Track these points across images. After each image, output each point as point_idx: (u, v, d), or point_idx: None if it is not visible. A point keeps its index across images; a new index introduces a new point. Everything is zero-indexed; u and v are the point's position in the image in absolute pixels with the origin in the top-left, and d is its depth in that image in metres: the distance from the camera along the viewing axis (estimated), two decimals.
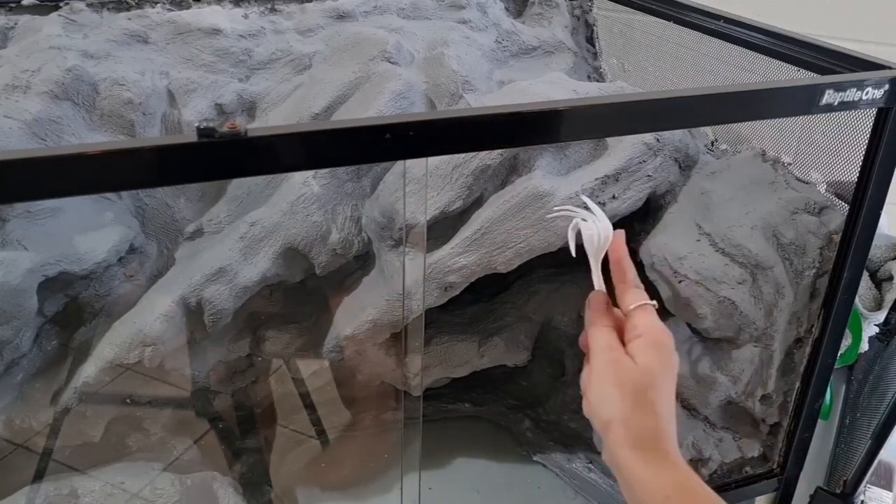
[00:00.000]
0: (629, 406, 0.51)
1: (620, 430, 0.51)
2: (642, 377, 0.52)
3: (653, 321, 0.55)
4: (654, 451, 0.50)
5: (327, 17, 1.12)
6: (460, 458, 1.18)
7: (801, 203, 0.90)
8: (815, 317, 0.89)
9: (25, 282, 0.86)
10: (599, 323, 0.56)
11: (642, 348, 0.53)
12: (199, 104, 1.02)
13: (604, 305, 0.57)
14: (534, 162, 0.93)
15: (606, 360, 0.53)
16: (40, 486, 0.90)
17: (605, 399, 0.52)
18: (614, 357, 0.53)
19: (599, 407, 0.53)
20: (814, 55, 0.83)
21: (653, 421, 0.51)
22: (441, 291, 0.92)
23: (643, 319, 0.55)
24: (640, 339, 0.54)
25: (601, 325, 0.56)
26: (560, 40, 1.21)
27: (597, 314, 0.57)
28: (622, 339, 0.55)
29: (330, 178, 0.97)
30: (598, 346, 0.55)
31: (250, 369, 1.09)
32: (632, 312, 0.56)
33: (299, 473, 1.12)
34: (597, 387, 0.53)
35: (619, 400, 0.51)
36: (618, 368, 0.53)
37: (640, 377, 0.52)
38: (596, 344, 0.55)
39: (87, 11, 1.02)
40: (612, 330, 0.56)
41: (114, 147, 0.50)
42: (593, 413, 0.53)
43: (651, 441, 0.51)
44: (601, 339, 0.55)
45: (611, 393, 0.52)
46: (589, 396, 0.54)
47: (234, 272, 0.94)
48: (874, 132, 0.76)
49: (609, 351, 0.54)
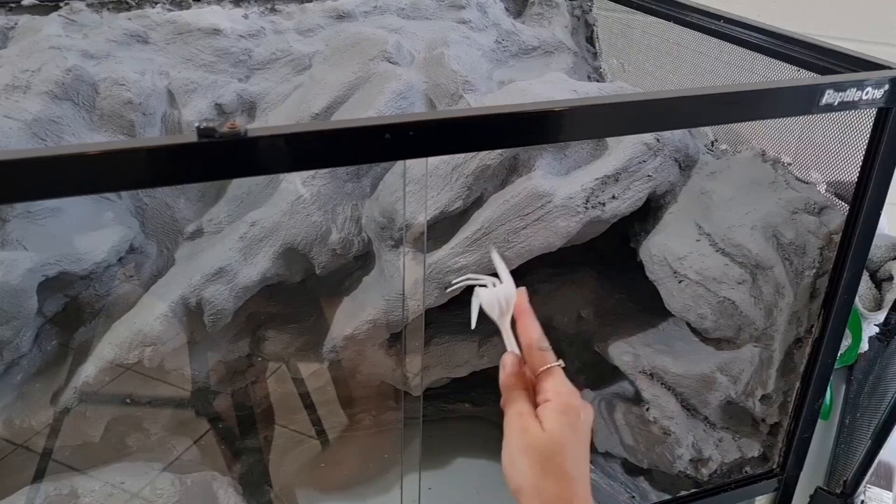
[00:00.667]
0: (537, 473, 0.52)
1: (530, 497, 0.52)
2: (550, 444, 0.53)
3: (559, 384, 0.56)
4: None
5: (327, 17, 1.12)
6: (460, 458, 1.18)
7: (801, 203, 0.90)
8: (815, 317, 0.88)
9: (25, 282, 0.86)
10: (512, 387, 0.57)
11: (550, 414, 0.54)
12: (199, 104, 1.02)
13: (517, 367, 0.58)
14: (534, 162, 0.93)
15: (516, 429, 0.54)
16: (40, 485, 0.90)
17: (516, 466, 0.53)
18: (523, 425, 0.54)
19: (511, 474, 0.53)
20: (814, 55, 0.83)
21: (559, 486, 0.52)
22: (441, 291, 0.92)
23: (549, 383, 0.56)
24: (548, 405, 0.55)
25: (514, 389, 0.57)
26: (560, 40, 1.21)
27: (509, 377, 0.57)
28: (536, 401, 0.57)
29: (330, 178, 0.97)
30: (510, 414, 0.56)
31: (250, 369, 1.08)
32: (539, 376, 0.57)
33: (299, 473, 1.12)
34: (507, 455, 0.54)
35: (528, 467, 0.52)
36: (526, 437, 0.54)
37: (547, 444, 0.53)
38: (508, 410, 0.56)
39: (86, 11, 1.02)
40: (525, 394, 0.56)
41: (114, 147, 0.50)
42: (506, 478, 0.54)
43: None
44: (513, 405, 0.56)
45: (521, 461, 0.53)
46: (503, 462, 0.55)
47: (234, 272, 0.94)
48: (874, 132, 0.76)
49: (518, 418, 0.55)
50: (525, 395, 0.56)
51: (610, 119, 0.65)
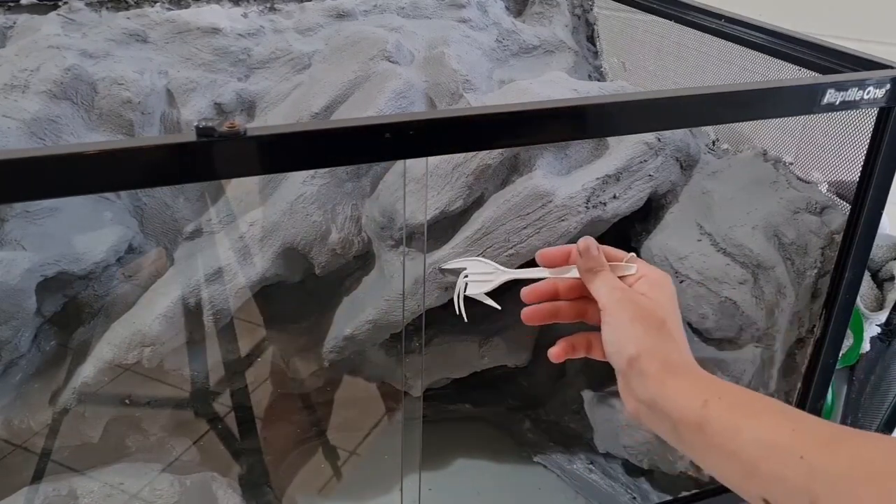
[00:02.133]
0: (654, 338, 0.53)
1: (649, 360, 0.52)
2: (660, 311, 0.54)
3: (649, 266, 0.58)
4: (683, 370, 0.52)
5: (327, 16, 1.12)
6: (460, 458, 1.18)
7: (803, 203, 0.90)
8: (816, 317, 0.88)
9: (24, 282, 0.86)
10: (599, 268, 0.57)
11: (649, 287, 0.56)
12: (199, 103, 1.02)
13: (595, 251, 0.58)
14: (534, 161, 0.93)
15: (621, 299, 0.55)
16: (39, 486, 0.90)
17: (630, 334, 0.53)
18: (628, 295, 0.55)
19: (623, 344, 0.53)
20: (815, 54, 0.83)
21: (676, 349, 0.53)
22: (441, 291, 0.92)
23: (640, 265, 0.58)
24: (643, 280, 0.56)
25: (600, 269, 0.57)
26: (561, 39, 1.21)
27: (594, 259, 0.58)
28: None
29: (330, 178, 0.96)
30: (607, 286, 0.56)
31: (250, 369, 1.08)
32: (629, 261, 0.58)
33: (299, 474, 1.11)
34: (617, 326, 0.54)
35: (644, 333, 0.53)
36: (635, 305, 0.54)
37: (658, 311, 0.54)
38: (603, 284, 0.56)
39: (85, 10, 1.02)
40: (611, 273, 0.57)
41: (112, 147, 0.49)
42: (616, 352, 0.54)
43: (679, 364, 0.52)
44: (608, 281, 0.56)
45: (635, 328, 0.53)
46: (607, 337, 0.55)
47: (234, 272, 0.93)
48: (875, 131, 0.76)
49: (620, 291, 0.56)
50: (612, 275, 0.57)
51: (611, 118, 0.65)
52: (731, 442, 0.46)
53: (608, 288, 0.56)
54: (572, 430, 1.16)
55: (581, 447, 1.15)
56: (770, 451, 0.43)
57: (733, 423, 0.46)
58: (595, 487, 1.12)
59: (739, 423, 0.46)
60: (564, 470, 1.15)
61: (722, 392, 0.49)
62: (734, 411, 0.47)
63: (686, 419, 0.48)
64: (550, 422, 1.19)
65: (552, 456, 1.17)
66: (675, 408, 0.49)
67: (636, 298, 0.55)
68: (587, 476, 1.13)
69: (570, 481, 1.15)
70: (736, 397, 0.48)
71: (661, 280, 0.56)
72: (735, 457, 0.45)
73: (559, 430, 1.18)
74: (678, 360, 0.53)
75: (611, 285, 0.56)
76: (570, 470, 1.14)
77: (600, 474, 1.12)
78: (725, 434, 0.46)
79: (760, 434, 0.45)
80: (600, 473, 1.12)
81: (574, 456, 1.15)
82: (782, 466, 0.42)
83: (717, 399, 0.48)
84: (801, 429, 0.44)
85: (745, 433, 0.45)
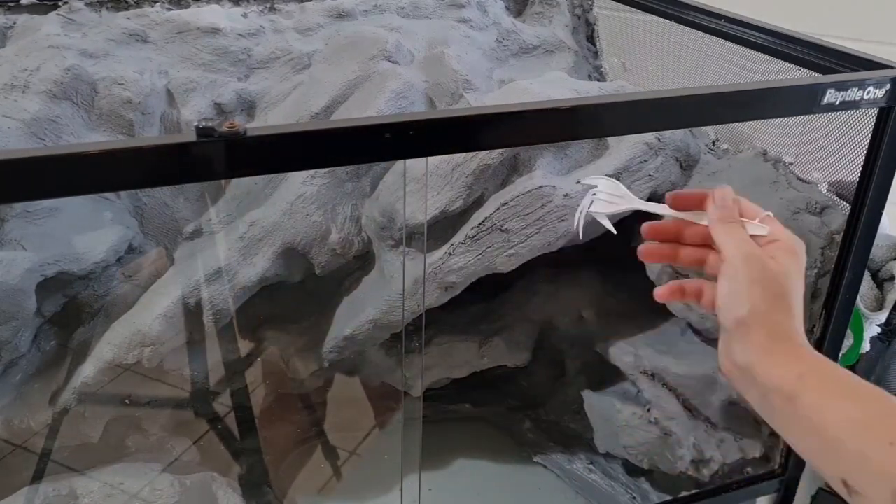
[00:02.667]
0: (770, 305, 0.51)
1: (758, 327, 0.50)
2: (785, 280, 0.52)
3: (784, 229, 0.55)
4: (788, 342, 0.50)
5: (327, 16, 1.12)
6: (460, 458, 1.18)
7: (803, 203, 0.90)
8: (816, 317, 0.88)
9: (24, 282, 0.86)
10: (731, 221, 0.55)
11: (781, 252, 0.53)
12: (199, 103, 1.02)
13: (731, 202, 0.56)
14: (534, 161, 0.93)
15: (746, 256, 0.53)
16: (39, 486, 0.90)
17: (747, 295, 0.51)
18: (756, 254, 0.53)
19: (738, 303, 0.51)
20: (815, 54, 0.83)
21: (789, 320, 0.51)
22: (441, 291, 0.92)
23: (775, 227, 0.55)
24: (777, 244, 0.54)
25: (733, 221, 0.55)
26: (560, 39, 1.21)
27: (727, 211, 0.56)
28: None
29: (330, 178, 0.96)
30: (736, 240, 0.54)
31: (250, 369, 1.08)
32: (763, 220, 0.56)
33: (299, 474, 1.11)
34: (737, 283, 0.52)
35: (759, 298, 0.51)
36: (760, 267, 0.52)
37: (783, 280, 0.52)
38: (732, 238, 0.54)
39: (85, 10, 1.02)
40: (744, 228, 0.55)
41: (112, 147, 0.49)
42: (727, 308, 0.52)
43: (785, 336, 0.50)
44: (737, 233, 0.54)
45: (754, 291, 0.51)
46: (723, 290, 0.53)
47: (234, 272, 0.93)
48: (875, 132, 0.76)
49: (748, 245, 0.53)
50: (743, 229, 0.55)
51: (611, 118, 0.65)
52: (820, 416, 0.45)
53: (736, 241, 0.54)
54: (572, 430, 1.16)
55: (581, 447, 1.15)
56: (859, 431, 0.43)
57: (826, 399, 0.45)
58: (595, 487, 1.12)
59: (833, 400, 0.45)
60: (564, 470, 1.15)
61: (822, 369, 0.48)
62: (829, 388, 0.46)
63: (779, 389, 0.47)
64: (550, 422, 1.19)
65: (552, 456, 1.17)
66: (771, 377, 0.48)
67: (764, 260, 0.52)
68: (587, 476, 1.13)
69: (570, 481, 1.15)
70: (835, 376, 0.48)
71: (794, 247, 0.54)
72: (822, 432, 0.45)
73: (559, 430, 1.18)
74: (785, 331, 0.51)
75: (740, 239, 0.54)
76: (570, 470, 1.14)
77: (600, 474, 1.12)
78: (815, 408, 0.46)
79: (852, 414, 0.44)
80: (600, 473, 1.12)
81: (574, 456, 1.15)
82: (869, 447, 0.41)
83: (814, 374, 0.47)
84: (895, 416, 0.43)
85: (837, 411, 0.45)
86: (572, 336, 1.12)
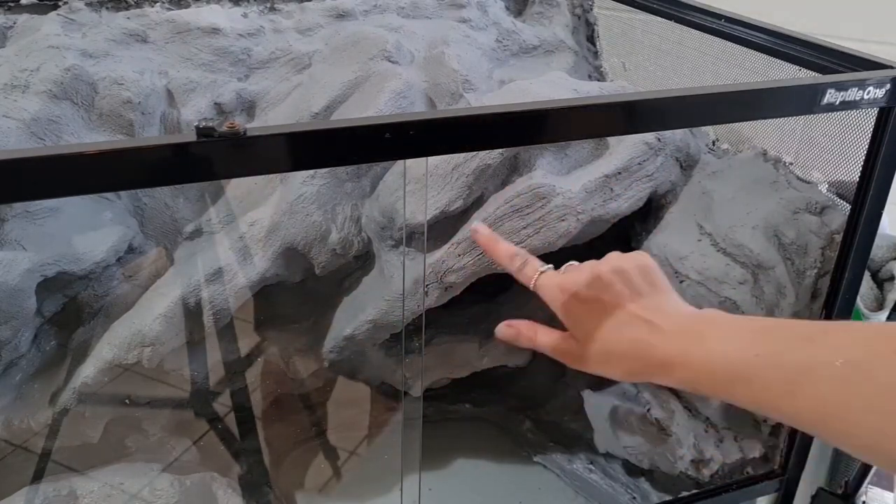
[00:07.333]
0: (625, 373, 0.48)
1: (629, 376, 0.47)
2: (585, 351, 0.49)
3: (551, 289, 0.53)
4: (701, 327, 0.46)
5: (327, 16, 1.12)
6: (461, 459, 1.18)
7: (803, 203, 0.90)
8: (816, 317, 0.88)
9: (24, 282, 0.86)
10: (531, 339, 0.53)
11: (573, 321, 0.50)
12: (199, 103, 1.02)
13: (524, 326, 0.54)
14: (534, 161, 0.93)
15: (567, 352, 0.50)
16: (39, 486, 0.90)
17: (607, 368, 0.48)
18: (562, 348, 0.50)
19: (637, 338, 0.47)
20: (815, 54, 0.83)
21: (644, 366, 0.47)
22: (441, 291, 0.92)
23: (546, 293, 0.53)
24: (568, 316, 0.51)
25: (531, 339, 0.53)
26: (561, 39, 1.21)
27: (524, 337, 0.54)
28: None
29: (330, 178, 0.96)
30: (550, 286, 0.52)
31: (250, 369, 1.08)
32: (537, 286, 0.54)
33: (299, 474, 1.11)
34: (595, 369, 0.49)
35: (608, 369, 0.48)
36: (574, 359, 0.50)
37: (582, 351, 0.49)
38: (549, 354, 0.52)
39: (85, 10, 1.02)
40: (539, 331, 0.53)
41: (113, 147, 0.49)
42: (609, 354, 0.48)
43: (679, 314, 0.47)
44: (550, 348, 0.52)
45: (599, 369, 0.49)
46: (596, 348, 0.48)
47: (234, 272, 0.93)
48: (875, 132, 0.76)
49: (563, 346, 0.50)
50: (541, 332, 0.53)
51: (611, 119, 0.65)
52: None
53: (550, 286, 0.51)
54: (572, 430, 1.16)
55: (581, 447, 1.15)
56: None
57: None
58: (595, 487, 1.12)
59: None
60: (564, 470, 1.15)
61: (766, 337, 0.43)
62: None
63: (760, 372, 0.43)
64: (550, 422, 1.19)
65: (552, 456, 1.17)
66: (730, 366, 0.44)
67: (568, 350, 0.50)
68: (587, 476, 1.13)
69: (570, 481, 1.15)
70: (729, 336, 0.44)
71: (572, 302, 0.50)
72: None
73: (559, 430, 1.18)
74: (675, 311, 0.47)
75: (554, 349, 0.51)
76: (570, 470, 1.14)
77: (600, 474, 1.12)
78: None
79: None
80: (600, 473, 1.12)
81: (574, 456, 1.15)
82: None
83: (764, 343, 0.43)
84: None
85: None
86: None
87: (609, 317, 0.48)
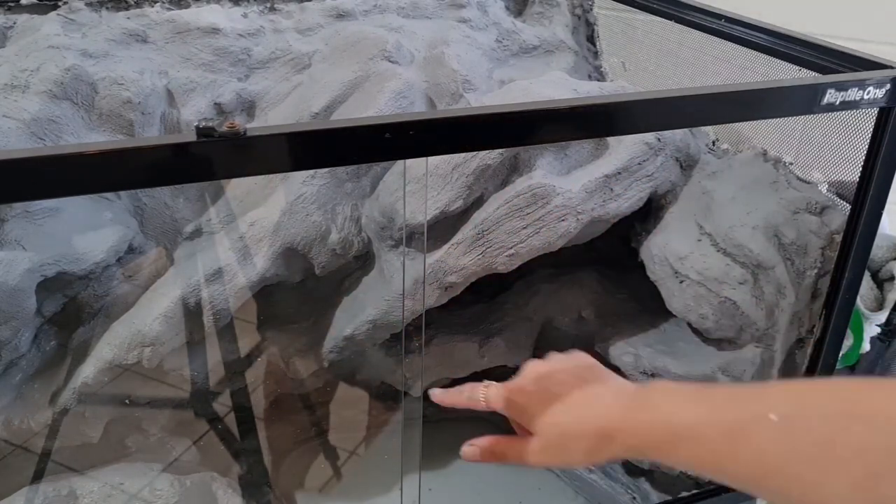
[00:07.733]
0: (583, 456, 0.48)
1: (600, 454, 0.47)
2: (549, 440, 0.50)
3: (497, 399, 0.56)
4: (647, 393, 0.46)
5: (327, 17, 1.12)
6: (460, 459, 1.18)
7: (803, 203, 0.90)
8: (816, 317, 0.88)
9: (24, 282, 0.86)
10: (494, 454, 0.55)
11: (521, 376, 0.53)
12: (199, 103, 1.02)
13: (492, 440, 0.56)
14: (534, 161, 0.93)
15: (527, 453, 0.52)
16: (39, 486, 0.90)
17: (565, 458, 0.50)
18: (518, 451, 0.52)
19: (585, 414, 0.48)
20: (815, 54, 0.83)
21: (603, 385, 0.49)
22: (441, 291, 0.92)
23: (495, 403, 0.56)
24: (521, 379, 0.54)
25: (494, 453, 0.55)
26: (561, 39, 1.21)
27: (489, 452, 0.56)
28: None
29: (330, 178, 0.96)
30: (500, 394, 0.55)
31: (250, 369, 1.08)
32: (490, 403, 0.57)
33: (299, 474, 1.11)
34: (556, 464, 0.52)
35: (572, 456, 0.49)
36: (532, 459, 0.51)
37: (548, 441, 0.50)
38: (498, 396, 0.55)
39: (85, 10, 1.02)
40: (496, 442, 0.56)
41: (113, 147, 0.49)
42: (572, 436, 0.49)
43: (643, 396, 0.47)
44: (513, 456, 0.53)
45: (559, 459, 0.50)
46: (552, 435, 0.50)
47: (234, 272, 0.93)
48: (875, 132, 0.76)
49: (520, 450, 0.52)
50: (502, 442, 0.55)
51: (611, 119, 0.65)
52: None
53: (501, 394, 0.54)
54: None
55: None
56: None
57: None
58: (595, 487, 1.12)
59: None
60: (564, 470, 1.15)
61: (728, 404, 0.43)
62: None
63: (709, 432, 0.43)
64: None
65: None
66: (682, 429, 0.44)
67: (527, 450, 0.51)
68: (587, 476, 1.13)
69: (570, 481, 1.15)
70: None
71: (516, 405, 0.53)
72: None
73: None
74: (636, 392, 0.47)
75: (517, 453, 0.52)
76: (569, 470, 1.14)
77: (600, 474, 1.12)
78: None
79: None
80: (600, 473, 1.12)
81: None
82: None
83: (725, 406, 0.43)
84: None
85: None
86: (572, 336, 1.12)
87: (557, 402, 0.50)
